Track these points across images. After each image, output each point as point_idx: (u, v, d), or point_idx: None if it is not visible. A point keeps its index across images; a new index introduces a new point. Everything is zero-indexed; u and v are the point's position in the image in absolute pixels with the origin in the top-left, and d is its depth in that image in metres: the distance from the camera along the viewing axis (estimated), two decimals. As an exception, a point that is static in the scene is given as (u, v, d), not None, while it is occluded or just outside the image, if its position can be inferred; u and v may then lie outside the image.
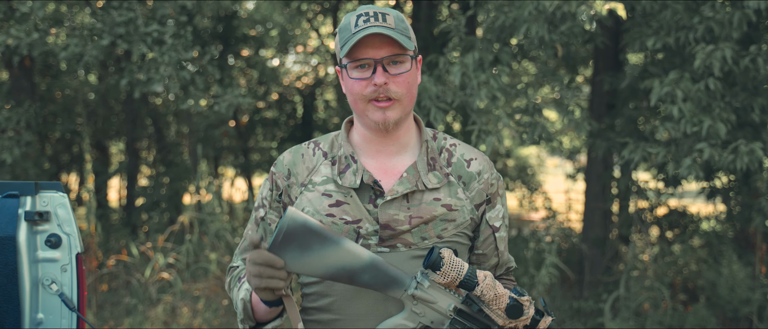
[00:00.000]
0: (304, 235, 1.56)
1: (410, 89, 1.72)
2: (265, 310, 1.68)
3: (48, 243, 2.23)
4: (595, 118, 7.00)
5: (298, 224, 1.56)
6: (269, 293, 1.60)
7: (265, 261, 1.56)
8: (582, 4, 5.10)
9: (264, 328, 1.72)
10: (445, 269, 1.59)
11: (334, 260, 1.58)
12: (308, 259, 1.57)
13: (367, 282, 1.61)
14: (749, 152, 4.85)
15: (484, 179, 1.81)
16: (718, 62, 4.83)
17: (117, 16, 5.96)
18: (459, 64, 5.29)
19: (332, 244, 1.58)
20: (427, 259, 1.60)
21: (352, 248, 1.59)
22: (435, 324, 1.63)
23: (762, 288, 5.93)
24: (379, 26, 1.66)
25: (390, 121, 1.71)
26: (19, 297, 2.20)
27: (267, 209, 1.80)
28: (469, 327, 1.62)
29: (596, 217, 7.19)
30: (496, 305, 1.60)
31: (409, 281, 1.62)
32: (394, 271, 1.62)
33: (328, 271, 1.59)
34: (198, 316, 5.82)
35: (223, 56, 9.41)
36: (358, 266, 1.59)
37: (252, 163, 11.44)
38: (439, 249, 1.61)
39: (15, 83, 7.84)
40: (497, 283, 1.62)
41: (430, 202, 1.73)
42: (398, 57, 1.69)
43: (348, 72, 1.71)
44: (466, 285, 1.60)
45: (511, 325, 1.61)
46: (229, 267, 1.84)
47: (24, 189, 2.22)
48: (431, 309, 1.62)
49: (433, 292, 1.62)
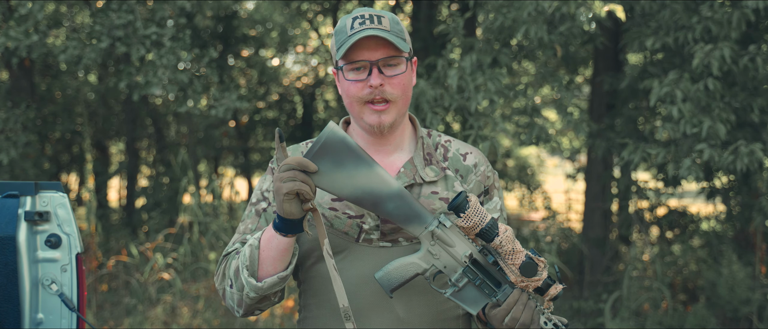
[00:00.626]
0: (340, 150, 1.56)
1: (405, 91, 1.74)
2: (277, 248, 1.62)
3: (48, 243, 2.23)
4: (595, 118, 7.00)
5: (337, 138, 1.56)
6: (297, 204, 1.56)
7: (298, 163, 1.54)
8: (581, 5, 5.10)
9: (266, 281, 1.65)
10: (469, 212, 1.58)
11: (364, 181, 1.58)
12: (339, 175, 1.57)
13: (390, 211, 1.61)
14: (749, 153, 4.85)
15: (481, 171, 1.84)
16: (716, 62, 4.83)
17: (116, 19, 5.96)
18: (456, 68, 5.30)
19: (365, 166, 1.58)
20: (454, 201, 1.60)
21: (383, 174, 1.60)
22: (447, 270, 1.62)
23: (762, 288, 5.93)
24: (374, 28, 1.68)
25: (385, 124, 1.72)
26: (19, 297, 2.20)
27: (270, 200, 1.80)
28: (481, 277, 1.62)
29: (596, 217, 7.19)
30: (512, 260, 1.59)
31: (432, 219, 1.62)
32: (419, 207, 1.62)
33: (354, 192, 1.59)
34: (198, 316, 5.82)
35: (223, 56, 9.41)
36: (386, 193, 1.60)
37: (252, 163, 11.45)
38: (467, 194, 1.61)
39: (15, 84, 7.85)
40: (516, 240, 1.62)
41: (429, 196, 1.75)
42: (393, 59, 1.71)
43: (344, 74, 1.72)
44: (486, 235, 1.59)
45: (523, 284, 1.61)
46: (224, 253, 1.79)
47: (24, 189, 2.22)
48: (447, 252, 1.62)
49: (453, 235, 1.62)
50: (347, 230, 1.72)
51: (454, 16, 5.79)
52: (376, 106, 1.71)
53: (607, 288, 6.68)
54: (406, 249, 1.72)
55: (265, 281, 1.65)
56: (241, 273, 1.67)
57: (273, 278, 1.65)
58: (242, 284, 1.67)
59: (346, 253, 1.73)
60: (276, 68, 12.18)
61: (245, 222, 1.81)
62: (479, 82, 5.17)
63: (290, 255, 1.66)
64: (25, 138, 7.03)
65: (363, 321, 1.71)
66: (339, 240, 1.72)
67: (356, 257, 1.72)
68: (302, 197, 1.56)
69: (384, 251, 1.72)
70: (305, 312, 1.81)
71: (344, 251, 1.73)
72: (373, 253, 1.72)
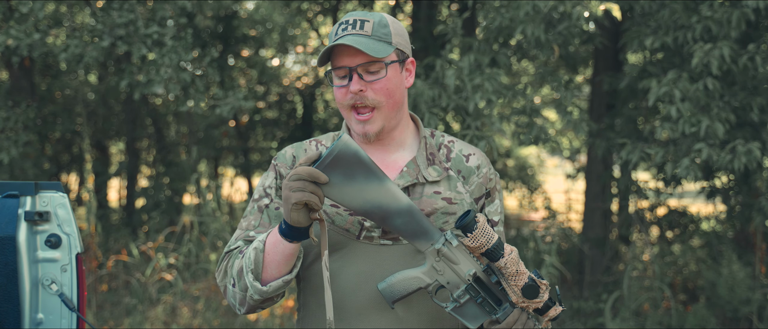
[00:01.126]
0: (352, 163, 1.57)
1: (391, 95, 1.73)
2: (282, 253, 1.63)
3: (48, 243, 2.23)
4: (594, 118, 7.00)
5: (350, 151, 1.56)
6: (305, 213, 1.57)
7: (309, 174, 1.54)
8: (577, 4, 5.10)
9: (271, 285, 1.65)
10: (476, 233, 1.60)
11: (373, 195, 1.59)
12: (349, 188, 1.58)
13: (399, 227, 1.62)
14: (747, 152, 4.85)
15: (483, 173, 1.84)
16: (716, 61, 4.83)
17: (117, 18, 5.96)
18: (454, 68, 5.29)
19: (376, 180, 1.59)
20: (461, 220, 1.61)
21: (393, 189, 1.61)
22: (450, 286, 1.64)
23: (762, 288, 5.93)
24: (353, 35, 1.68)
25: (370, 134, 1.73)
26: (19, 297, 2.20)
27: (272, 196, 1.80)
28: (483, 296, 1.63)
29: (596, 217, 7.19)
30: (515, 281, 1.61)
31: (439, 236, 1.63)
32: (428, 224, 1.63)
33: (364, 205, 1.60)
34: (198, 316, 5.82)
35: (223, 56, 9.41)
36: (395, 208, 1.60)
37: (252, 163, 11.44)
38: (476, 213, 1.62)
39: (15, 84, 7.84)
40: (520, 261, 1.63)
41: (431, 195, 1.75)
42: (372, 65, 1.70)
43: (332, 79, 1.74)
44: (491, 255, 1.61)
45: (524, 304, 1.62)
46: (226, 250, 1.79)
47: (24, 189, 2.22)
48: (452, 269, 1.63)
49: (458, 253, 1.63)
50: (348, 228, 1.72)
51: (453, 16, 5.79)
52: (361, 115, 1.72)
53: (607, 288, 6.68)
54: (407, 247, 1.72)
55: (269, 285, 1.66)
56: (245, 275, 1.67)
57: (278, 281, 1.66)
58: (246, 285, 1.67)
59: (347, 250, 1.72)
60: (276, 68, 12.17)
61: (248, 218, 1.81)
62: (477, 82, 5.17)
63: (295, 259, 1.66)
64: (26, 138, 7.02)
65: (362, 319, 1.71)
66: (340, 237, 1.72)
67: (357, 254, 1.72)
68: (310, 207, 1.57)
69: (385, 249, 1.72)
70: (304, 310, 1.81)
71: (345, 248, 1.73)
72: (373, 251, 1.72)
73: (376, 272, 1.71)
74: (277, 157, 1.84)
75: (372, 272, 1.70)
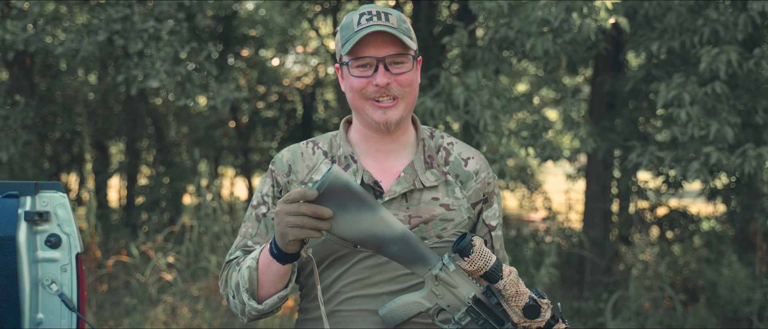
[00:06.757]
0: (343, 195, 1.56)
1: (413, 88, 1.72)
2: (276, 273, 1.63)
3: (48, 243, 2.23)
4: (595, 118, 6.99)
5: (340, 182, 1.55)
6: (299, 245, 1.57)
7: (313, 211, 1.52)
8: (586, 17, 5.07)
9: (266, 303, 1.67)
10: (473, 256, 1.59)
11: (367, 225, 1.58)
12: (342, 219, 1.57)
13: (395, 254, 1.61)
14: (758, 156, 4.84)
15: (482, 178, 1.82)
16: (723, 65, 4.81)
17: (113, 13, 5.95)
18: (461, 86, 5.27)
19: (369, 209, 1.58)
20: (458, 244, 1.60)
21: (387, 217, 1.60)
22: (450, 309, 1.63)
23: (762, 288, 5.92)
24: (382, 25, 1.66)
25: (392, 121, 1.71)
26: (19, 297, 2.20)
27: (269, 205, 1.79)
28: (483, 318, 1.63)
29: (596, 217, 7.18)
30: (515, 302, 1.60)
31: (436, 261, 1.63)
32: (424, 249, 1.62)
33: (358, 235, 1.59)
34: (198, 316, 5.81)
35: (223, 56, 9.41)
36: (390, 236, 1.60)
37: (252, 163, 11.44)
38: (472, 236, 1.61)
39: (15, 83, 7.84)
40: (520, 281, 1.62)
41: (429, 201, 1.74)
42: (400, 57, 1.69)
43: (349, 70, 1.70)
44: (490, 277, 1.60)
45: (526, 324, 1.62)
46: (227, 260, 1.80)
47: (24, 189, 2.21)
48: (451, 293, 1.62)
49: (457, 277, 1.62)
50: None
51: (458, 29, 5.74)
52: (383, 102, 1.70)
53: (607, 288, 6.68)
54: None
55: (265, 303, 1.66)
56: (241, 293, 1.68)
57: (273, 298, 1.67)
58: (243, 301, 1.68)
59: (344, 259, 1.72)
60: (276, 68, 12.17)
61: (246, 225, 1.81)
62: (485, 98, 5.16)
63: (289, 275, 1.66)
64: (25, 137, 7.01)
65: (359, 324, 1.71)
66: (336, 246, 1.71)
67: (353, 263, 1.71)
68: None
69: (381, 257, 1.70)
70: (303, 314, 1.81)
71: (342, 257, 1.72)
72: (370, 259, 1.71)
73: (373, 278, 1.70)
74: (274, 161, 1.83)
75: (368, 280, 1.70)
